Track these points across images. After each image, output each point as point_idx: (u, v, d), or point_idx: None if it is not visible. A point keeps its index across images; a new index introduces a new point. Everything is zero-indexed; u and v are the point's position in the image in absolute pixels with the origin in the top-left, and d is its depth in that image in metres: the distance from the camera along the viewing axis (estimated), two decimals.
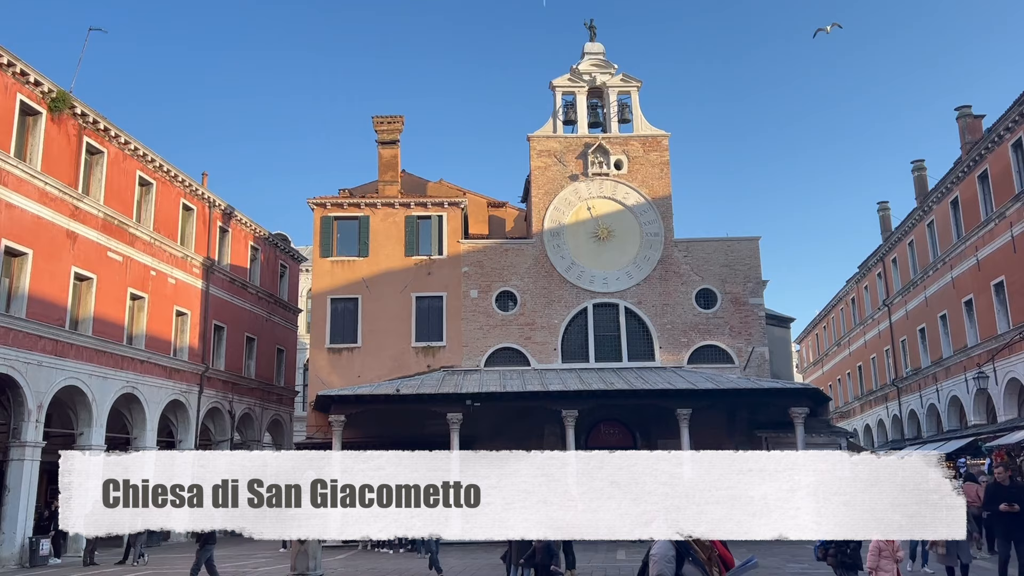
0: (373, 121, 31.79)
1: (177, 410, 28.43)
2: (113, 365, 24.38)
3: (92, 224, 23.88)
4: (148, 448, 26.06)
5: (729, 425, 28.16)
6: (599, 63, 31.75)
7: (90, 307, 23.64)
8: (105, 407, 23.92)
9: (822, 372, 54.61)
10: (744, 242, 30.42)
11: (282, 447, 36.76)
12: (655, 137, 31.13)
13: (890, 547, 10.19)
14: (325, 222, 30.00)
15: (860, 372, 45.54)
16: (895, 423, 39.51)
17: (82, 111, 23.37)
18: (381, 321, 29.12)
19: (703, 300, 29.65)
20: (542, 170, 30.69)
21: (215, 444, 31.71)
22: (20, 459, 20.62)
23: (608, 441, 28.39)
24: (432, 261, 29.77)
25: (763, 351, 29.26)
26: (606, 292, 29.57)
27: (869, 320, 42.62)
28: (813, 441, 27.10)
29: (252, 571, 18.18)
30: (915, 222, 34.68)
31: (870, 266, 41.89)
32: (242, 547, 25.46)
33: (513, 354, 29.08)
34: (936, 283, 32.38)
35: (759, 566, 6.34)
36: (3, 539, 20.33)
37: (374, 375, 28.10)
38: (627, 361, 28.84)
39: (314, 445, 27.60)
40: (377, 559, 20.37)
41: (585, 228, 30.11)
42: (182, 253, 28.81)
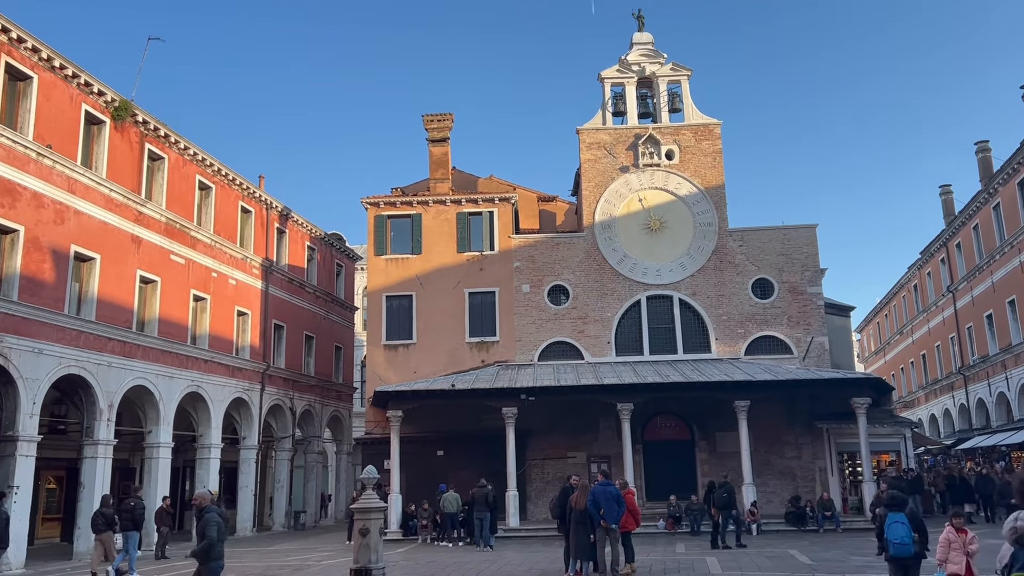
0: (423, 119, 32.07)
1: (240, 408, 29.14)
2: (178, 365, 25.10)
3: (155, 228, 24.60)
4: (214, 445, 26.80)
5: (788, 417, 27.73)
6: (648, 53, 31.46)
7: (155, 309, 24.38)
8: (172, 406, 24.65)
9: (884, 361, 53.32)
10: (801, 230, 29.86)
11: (342, 443, 37.42)
12: (706, 126, 30.74)
13: (961, 539, 9.96)
14: (379, 221, 30.38)
15: (924, 360, 44.34)
16: (962, 412, 38.37)
17: (143, 118, 24.07)
18: (435, 317, 29.39)
19: (759, 290, 29.21)
20: (592, 163, 30.57)
21: (277, 441, 32.43)
22: (93, 457, 21.39)
23: (664, 434, 28.22)
24: (484, 257, 29.92)
25: (822, 341, 28.70)
26: (659, 284, 29.33)
27: (933, 307, 41.44)
28: (876, 432, 26.53)
29: (315, 564, 18.57)
30: (980, 205, 33.58)
31: (933, 252, 40.71)
32: (307, 540, 26.04)
33: (566, 348, 29.07)
34: (1003, 267, 31.33)
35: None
36: (79, 534, 21.14)
37: (429, 371, 28.40)
38: (682, 353, 28.58)
39: (373, 441, 28.07)
40: (436, 552, 20.61)
41: (637, 220, 29.91)
42: (241, 254, 29.48)
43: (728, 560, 16.82)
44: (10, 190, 18.99)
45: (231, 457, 29.36)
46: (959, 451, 33.74)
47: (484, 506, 21.09)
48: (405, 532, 24.18)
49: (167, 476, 24.34)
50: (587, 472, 25.42)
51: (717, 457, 27.68)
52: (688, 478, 27.31)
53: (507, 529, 23.47)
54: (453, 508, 22.70)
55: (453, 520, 22.83)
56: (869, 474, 24.24)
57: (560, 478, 23.72)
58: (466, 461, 26.05)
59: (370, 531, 10.61)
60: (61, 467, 26.34)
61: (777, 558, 17.12)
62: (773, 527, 23.43)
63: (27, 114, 19.89)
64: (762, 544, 20.18)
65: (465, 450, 26.66)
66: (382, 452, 25.93)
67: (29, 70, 19.89)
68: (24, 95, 19.96)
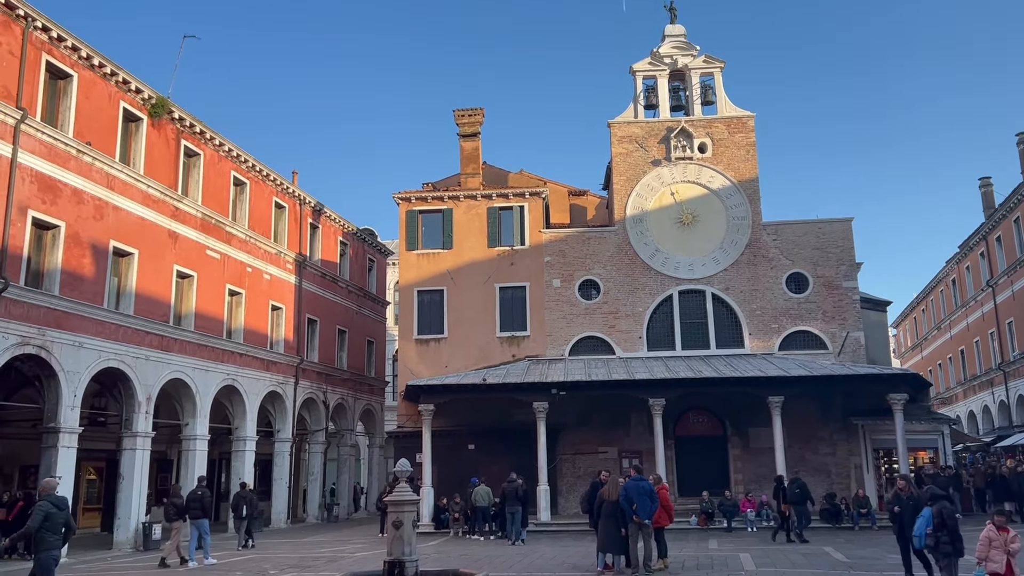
0: (454, 114, 32.14)
1: (275, 401, 29.50)
2: (214, 359, 25.47)
3: (191, 224, 24.96)
4: (248, 438, 27.17)
5: (823, 413, 27.41)
6: (680, 45, 31.21)
7: (192, 303, 24.76)
8: (208, 399, 25.04)
9: (921, 357, 52.45)
10: (836, 224, 29.45)
11: (374, 436, 37.73)
12: (740, 118, 30.43)
13: (1002, 538, 9.81)
14: (410, 216, 30.53)
15: (963, 356, 43.53)
16: (1002, 409, 37.62)
17: (179, 115, 24.42)
18: (466, 312, 29.49)
19: (794, 284, 28.88)
20: (623, 156, 30.42)
21: (311, 434, 32.79)
22: (132, 448, 21.81)
23: (696, 430, 28.04)
24: (514, 252, 29.94)
25: (858, 336, 28.31)
26: (692, 279, 29.13)
27: (972, 302, 40.66)
28: (913, 429, 26.12)
29: (349, 556, 18.77)
30: (1021, 197, 32.86)
31: (971, 245, 39.92)
32: (340, 532, 26.31)
33: (597, 343, 29.00)
34: None
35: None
36: (119, 524, 21.59)
37: (460, 365, 28.50)
38: (715, 348, 28.36)
39: (405, 434, 28.26)
40: (468, 545, 20.71)
41: (668, 214, 29.71)
42: (275, 249, 29.81)
43: (762, 556, 16.69)
44: (51, 187, 19.39)
45: (266, 450, 29.75)
46: (999, 448, 33.10)
47: (515, 500, 21.14)
48: (437, 525, 24.32)
49: (204, 468, 24.72)
50: (618, 467, 25.36)
51: (750, 453, 27.46)
52: (721, 474, 27.12)
53: (538, 523, 23.50)
54: (484, 502, 22.79)
55: (484, 514, 22.92)
56: (906, 471, 23.86)
57: (591, 473, 23.69)
58: (497, 455, 26.13)
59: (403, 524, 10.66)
60: (101, 458, 26.91)
61: (812, 555, 16.95)
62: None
63: (67, 112, 20.28)
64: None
65: (496, 444, 26.74)
66: (414, 446, 26.10)
67: (69, 68, 20.27)
68: (64, 93, 20.36)
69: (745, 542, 19.93)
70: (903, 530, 12.94)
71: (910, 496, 13.05)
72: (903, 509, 12.95)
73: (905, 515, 12.87)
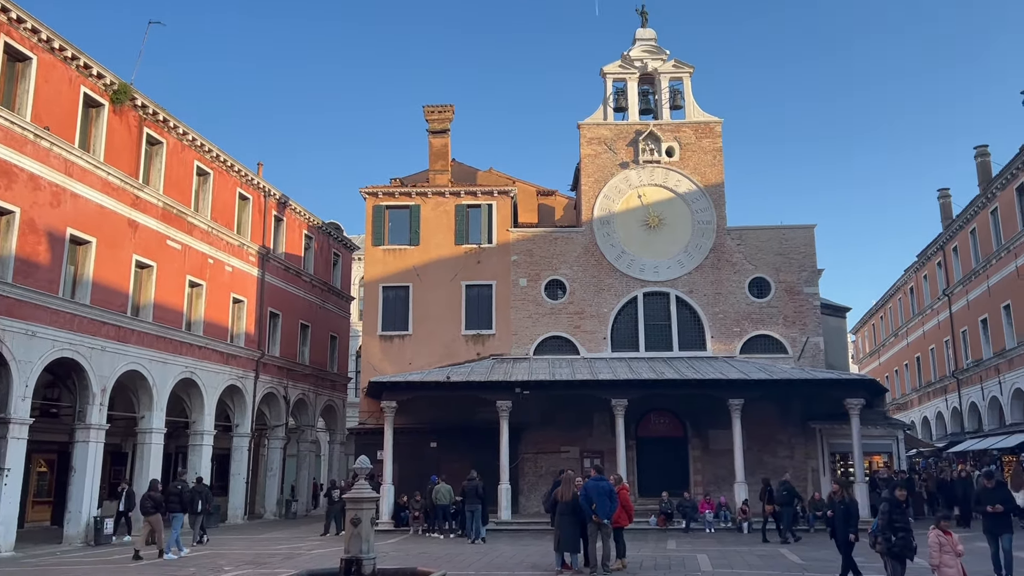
0: (424, 110, 31.96)
1: (234, 395, 29.09)
2: (173, 351, 25.04)
3: (152, 213, 24.51)
4: (206, 432, 26.75)
5: (782, 416, 27.76)
6: (650, 49, 31.37)
7: (150, 294, 24.31)
8: (165, 391, 24.61)
9: (878, 363, 53.42)
10: (799, 230, 29.84)
11: (335, 432, 37.40)
12: (707, 124, 30.68)
13: (950, 541, 9.99)
14: (377, 211, 30.30)
15: (918, 363, 44.42)
16: (954, 416, 38.46)
17: (142, 102, 23.96)
18: (431, 309, 29.35)
19: (756, 289, 29.20)
20: (592, 158, 30.50)
21: (270, 429, 32.40)
22: (85, 441, 21.35)
23: (658, 431, 28.24)
24: (482, 250, 29.86)
25: (818, 341, 28.73)
26: (656, 281, 29.31)
27: (928, 310, 41.50)
28: (869, 433, 26.57)
29: (306, 553, 18.57)
30: (978, 209, 33.60)
31: (929, 255, 40.74)
32: (298, 529, 26.03)
33: (562, 343, 29.06)
34: (999, 272, 31.37)
35: None
36: (69, 518, 21.13)
37: (424, 362, 28.36)
38: (678, 351, 28.58)
39: (367, 431, 28.05)
40: (428, 544, 20.61)
41: (635, 216, 29.86)
42: (238, 241, 29.39)
43: (719, 558, 16.84)
44: (6, 171, 18.91)
45: (224, 444, 29.33)
46: (950, 454, 33.83)
47: (475, 498, 21.09)
48: (397, 523, 24.17)
49: (159, 462, 24.30)
50: (580, 467, 25.43)
51: (710, 455, 27.72)
52: (681, 475, 27.34)
53: (499, 522, 23.47)
54: (445, 500, 22.71)
55: (445, 512, 22.84)
56: (861, 475, 24.28)
57: (553, 472, 23.71)
58: (459, 453, 26.06)
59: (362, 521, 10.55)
60: (52, 451, 26.30)
61: (768, 556, 17.14)
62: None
63: (25, 95, 19.79)
64: (752, 543, 20.21)
65: (458, 442, 26.66)
66: (375, 442, 25.92)
67: (28, 51, 19.78)
68: (23, 76, 19.86)
69: (703, 543, 20.11)
70: (835, 533, 13.29)
71: (842, 500, 13.50)
72: (836, 513, 13.36)
73: (837, 519, 13.29)
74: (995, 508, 12.85)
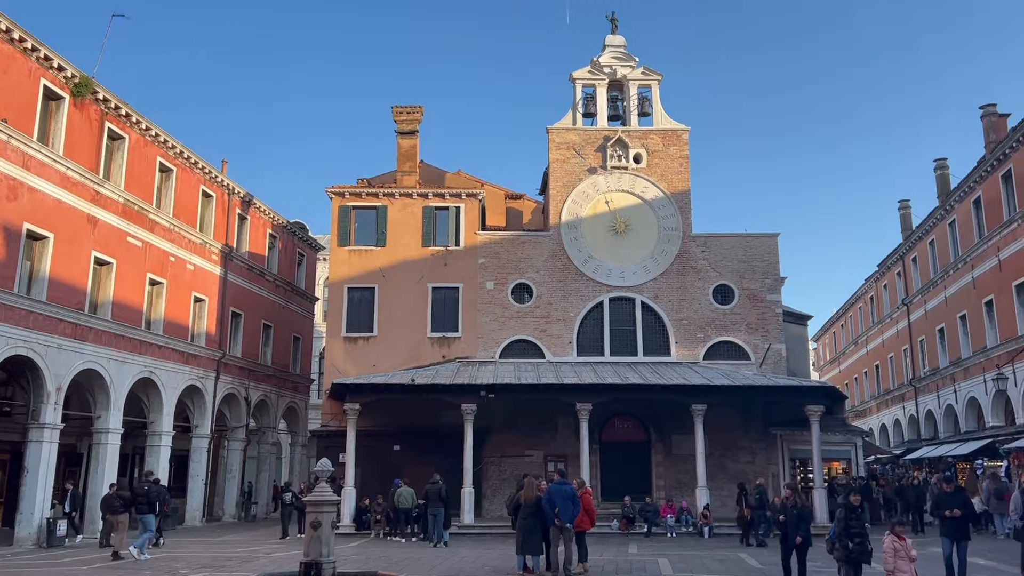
0: (393, 111, 31.78)
1: (194, 395, 28.64)
2: (131, 349, 24.58)
3: (112, 209, 24.05)
4: (165, 433, 26.29)
5: (744, 422, 28.06)
6: (620, 56, 31.57)
7: (109, 292, 23.83)
8: (123, 391, 24.13)
9: (839, 370, 54.27)
10: (763, 238, 30.21)
11: (297, 434, 37.00)
12: (675, 131, 30.94)
13: (904, 546, 10.15)
14: (343, 211, 30.07)
15: (877, 371, 45.20)
16: (911, 423, 39.19)
17: (104, 96, 23.51)
18: (397, 311, 29.18)
19: (720, 296, 29.50)
20: (561, 162, 30.59)
21: (231, 430, 31.95)
22: (39, 441, 20.83)
23: (622, 435, 28.36)
24: (449, 252, 29.78)
25: (780, 348, 29.09)
26: (622, 286, 29.47)
27: (887, 319, 42.26)
28: (828, 440, 26.97)
29: (264, 556, 18.33)
30: (936, 221, 34.32)
31: (889, 265, 41.52)
32: (257, 532, 25.67)
33: (528, 346, 29.07)
34: (956, 283, 32.06)
35: None
36: (21, 519, 20.60)
37: (389, 364, 28.18)
38: (642, 356, 28.75)
39: (329, 433, 27.78)
40: (389, 547, 20.46)
41: (603, 221, 30.00)
42: (201, 240, 28.97)
43: (680, 562, 16.95)
44: None
45: (182, 445, 28.84)
46: (907, 461, 34.45)
47: (438, 501, 20.99)
48: (358, 526, 23.96)
49: (115, 463, 23.82)
50: (544, 471, 25.44)
51: (672, 460, 27.92)
52: (643, 480, 27.49)
53: (461, 526, 23.38)
54: (407, 503, 22.56)
55: (407, 515, 22.69)
56: (820, 481, 24.61)
57: (516, 476, 23.64)
58: (423, 456, 25.91)
59: (322, 524, 10.46)
60: (5, 451, 25.64)
61: (728, 561, 17.29)
62: (725, 531, 23.65)
63: None
64: (713, 547, 20.38)
65: (422, 445, 26.53)
66: (338, 445, 25.67)
67: None
68: None
69: (664, 547, 20.22)
70: (787, 538, 13.26)
71: (795, 505, 13.39)
72: (788, 518, 13.27)
73: (789, 523, 13.21)
74: (953, 513, 12.94)
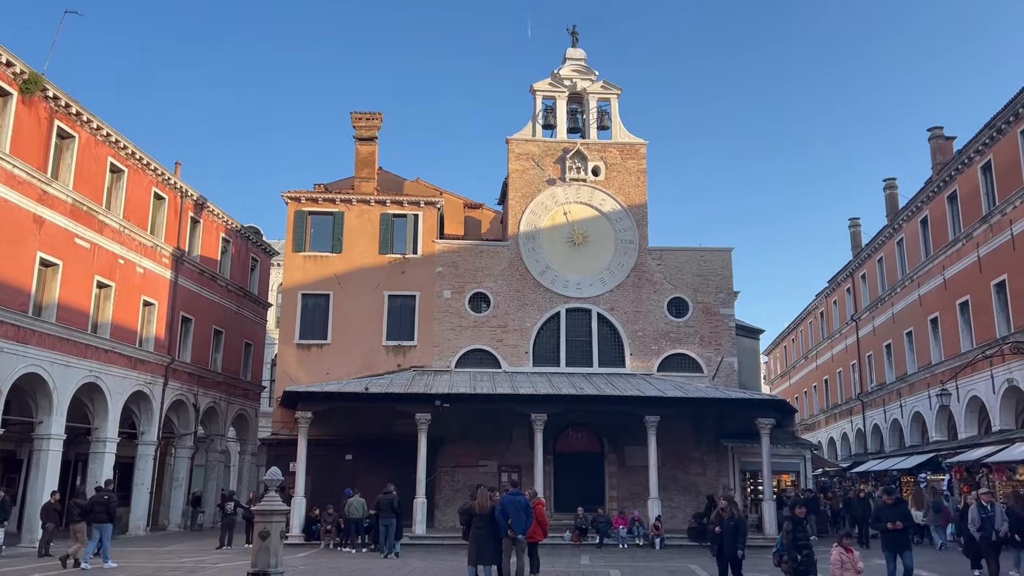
0: (352, 117, 31.53)
1: (140, 401, 27.98)
2: (76, 353, 23.93)
3: (60, 209, 23.43)
4: (109, 439, 25.62)
5: (696, 434, 28.33)
6: (580, 69, 31.81)
7: (55, 294, 23.18)
8: (66, 396, 23.46)
9: (789, 384, 55.19)
10: (717, 253, 30.62)
11: (247, 443, 36.36)
12: (633, 145, 31.25)
13: (851, 558, 10.32)
14: (299, 216, 29.71)
15: (826, 385, 46.07)
16: (859, 437, 40.01)
17: (54, 94, 22.93)
18: (352, 318, 28.89)
19: (675, 309, 29.79)
20: (520, 173, 30.67)
21: (178, 437, 31.27)
22: None
23: (576, 446, 28.43)
24: (406, 260, 29.60)
25: (732, 361, 29.46)
26: (579, 297, 29.60)
27: (837, 334, 43.13)
28: (778, 452, 27.39)
29: (211, 566, 17.93)
30: (885, 239, 35.19)
31: (840, 281, 42.42)
32: (203, 541, 25.10)
33: (484, 356, 29.00)
34: (903, 300, 32.87)
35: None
36: None
37: (343, 372, 27.86)
38: (598, 367, 28.88)
39: (279, 442, 27.33)
40: (339, 558, 20.18)
41: (561, 233, 30.13)
42: (152, 242, 28.38)
43: (631, 573, 17.01)
44: None
45: (128, 452, 28.11)
46: (854, 474, 35.14)
47: (390, 512, 20.77)
48: (308, 537, 23.59)
49: (56, 470, 23.12)
50: (498, 481, 25.37)
51: (625, 471, 28.06)
52: (596, 491, 27.57)
53: (413, 536, 23.17)
54: (358, 513, 22.28)
55: (358, 526, 22.41)
56: (770, 493, 24.96)
57: (470, 486, 23.53)
58: (375, 466, 25.64)
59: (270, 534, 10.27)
60: None
61: (678, 572, 17.40)
62: (676, 542, 23.85)
63: None
64: (664, 558, 20.50)
65: (375, 455, 26.25)
66: (288, 454, 25.27)
67: None
68: None
69: (616, 558, 20.29)
70: (722, 550, 13.23)
71: (731, 516, 13.30)
72: (724, 530, 13.19)
73: (725, 535, 13.16)
74: (895, 525, 13.06)
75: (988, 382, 25.26)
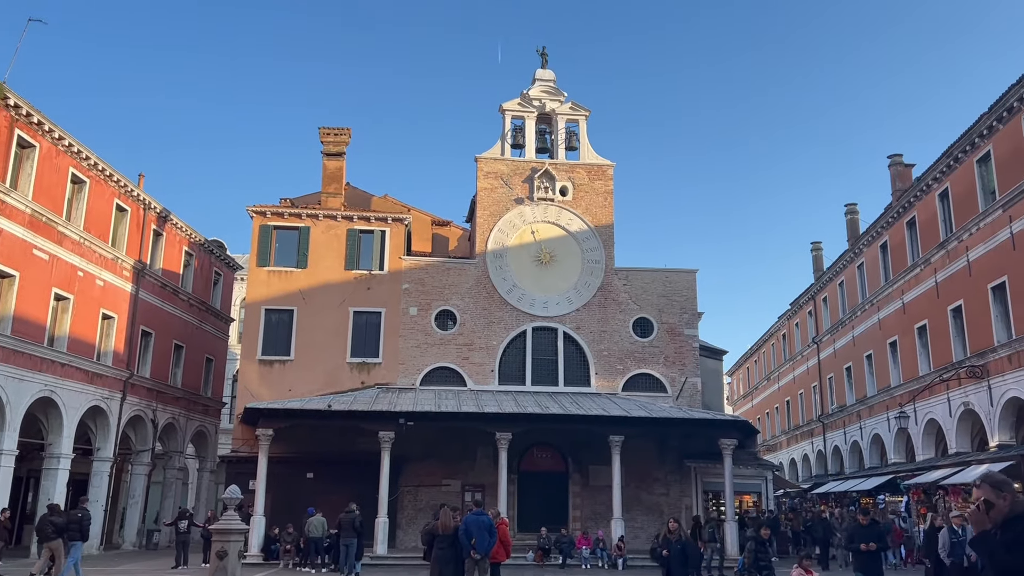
0: (320, 132, 31.41)
1: (97, 417, 27.33)
2: (31, 367, 23.33)
3: (18, 219, 22.93)
4: (63, 455, 24.99)
5: (660, 454, 28.44)
6: (549, 90, 32.07)
7: (10, 305, 22.61)
8: (20, 410, 22.83)
9: (751, 405, 55.68)
10: (682, 274, 30.91)
11: (206, 460, 35.69)
12: (600, 166, 31.52)
13: None
14: (264, 231, 29.43)
15: (788, 407, 46.57)
16: (819, 458, 40.45)
17: (15, 102, 22.50)
18: (316, 335, 28.60)
19: (640, 329, 29.97)
20: (488, 191, 30.75)
21: (135, 454, 30.58)
22: None
23: (541, 465, 28.37)
24: (372, 276, 29.44)
25: (696, 382, 29.69)
26: (546, 316, 29.67)
27: (799, 356, 43.68)
28: (740, 473, 27.57)
29: None
30: (846, 263, 35.81)
31: (802, 304, 43.02)
32: (159, 560, 24.52)
33: (450, 374, 28.88)
34: (864, 323, 33.41)
35: None
36: None
37: (306, 389, 27.54)
38: (563, 386, 28.91)
39: (239, 459, 26.89)
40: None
41: (528, 251, 30.22)
42: (112, 255, 27.87)
43: None
44: None
45: (82, 469, 27.41)
46: (814, 495, 35.48)
47: (351, 531, 20.50)
48: (267, 556, 23.19)
49: (7, 487, 22.45)
50: (461, 500, 25.19)
51: (589, 491, 28.03)
52: (560, 510, 27.50)
53: (375, 557, 22.89)
54: (318, 533, 21.97)
55: (318, 545, 22.09)
56: (732, 513, 25.10)
57: (433, 506, 23.36)
58: (337, 485, 25.31)
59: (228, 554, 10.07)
60: None
61: None
62: (639, 562, 23.85)
63: None
64: None
65: (337, 473, 25.92)
66: (248, 471, 24.87)
67: None
68: None
69: None
70: (670, 572, 13.17)
71: (679, 539, 13.26)
72: (672, 553, 13.11)
73: (673, 559, 13.08)
74: (868, 546, 12.94)
75: (945, 405, 25.73)
